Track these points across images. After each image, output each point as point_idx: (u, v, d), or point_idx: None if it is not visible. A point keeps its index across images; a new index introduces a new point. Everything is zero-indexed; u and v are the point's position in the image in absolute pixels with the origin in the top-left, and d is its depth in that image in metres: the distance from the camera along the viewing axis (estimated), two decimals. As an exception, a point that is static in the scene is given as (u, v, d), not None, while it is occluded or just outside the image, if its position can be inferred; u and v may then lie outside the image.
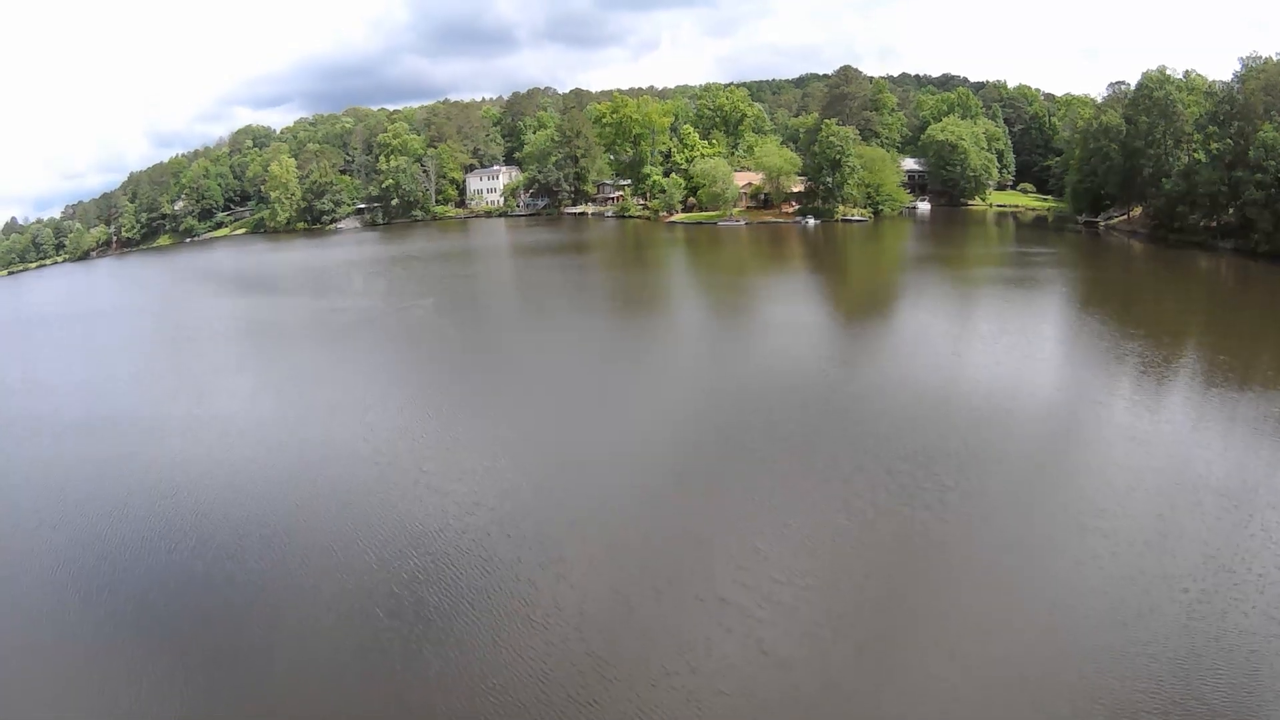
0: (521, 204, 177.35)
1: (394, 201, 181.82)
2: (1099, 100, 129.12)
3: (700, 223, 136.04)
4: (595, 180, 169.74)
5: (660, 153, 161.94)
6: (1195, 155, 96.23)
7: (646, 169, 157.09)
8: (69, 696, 23.79)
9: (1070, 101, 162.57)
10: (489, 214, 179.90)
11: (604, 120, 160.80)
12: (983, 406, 39.04)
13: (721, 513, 30.04)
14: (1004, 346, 49.84)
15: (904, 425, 36.89)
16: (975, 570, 25.89)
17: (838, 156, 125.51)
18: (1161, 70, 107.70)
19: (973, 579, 25.45)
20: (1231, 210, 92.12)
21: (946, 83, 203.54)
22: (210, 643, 25.21)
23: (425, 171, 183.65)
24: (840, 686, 21.21)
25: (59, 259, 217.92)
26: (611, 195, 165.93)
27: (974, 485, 31.00)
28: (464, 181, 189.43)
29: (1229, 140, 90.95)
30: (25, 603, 29.24)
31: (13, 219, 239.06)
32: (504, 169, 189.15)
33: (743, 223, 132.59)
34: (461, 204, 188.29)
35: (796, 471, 33.20)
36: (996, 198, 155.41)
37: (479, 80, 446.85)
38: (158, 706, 22.73)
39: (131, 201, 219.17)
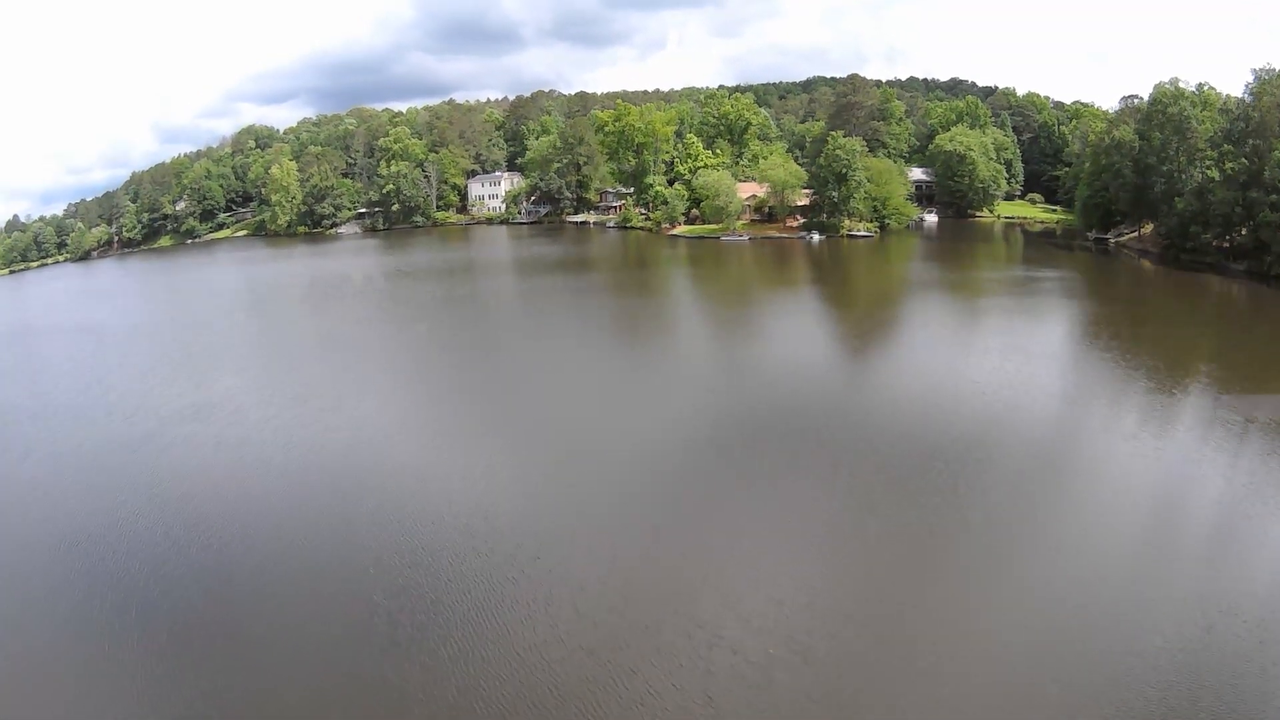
0: (523, 211, 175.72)
1: (394, 207, 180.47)
2: (1110, 113, 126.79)
3: (703, 237, 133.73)
4: (598, 188, 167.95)
5: (664, 162, 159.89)
6: (1209, 173, 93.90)
7: (649, 179, 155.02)
8: (67, 695, 24.65)
9: (1080, 111, 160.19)
10: (490, 221, 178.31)
11: (606, 129, 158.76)
12: (970, 482, 36.66)
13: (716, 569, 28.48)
14: (1003, 402, 47.59)
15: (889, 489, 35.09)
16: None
17: (844, 170, 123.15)
18: (1175, 83, 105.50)
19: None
20: (1245, 231, 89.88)
21: (955, 87, 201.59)
22: (211, 643, 26.37)
23: (426, 177, 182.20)
24: None
25: (60, 258, 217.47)
26: (614, 204, 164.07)
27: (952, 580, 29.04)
28: (465, 187, 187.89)
29: (1243, 160, 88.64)
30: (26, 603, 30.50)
31: (15, 217, 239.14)
32: (506, 175, 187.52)
33: (746, 237, 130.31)
34: (463, 209, 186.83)
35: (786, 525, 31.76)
36: (1004, 208, 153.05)
37: (485, 78, 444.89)
38: (161, 704, 23.54)
39: (133, 201, 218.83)
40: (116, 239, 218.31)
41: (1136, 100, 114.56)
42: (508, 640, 24.92)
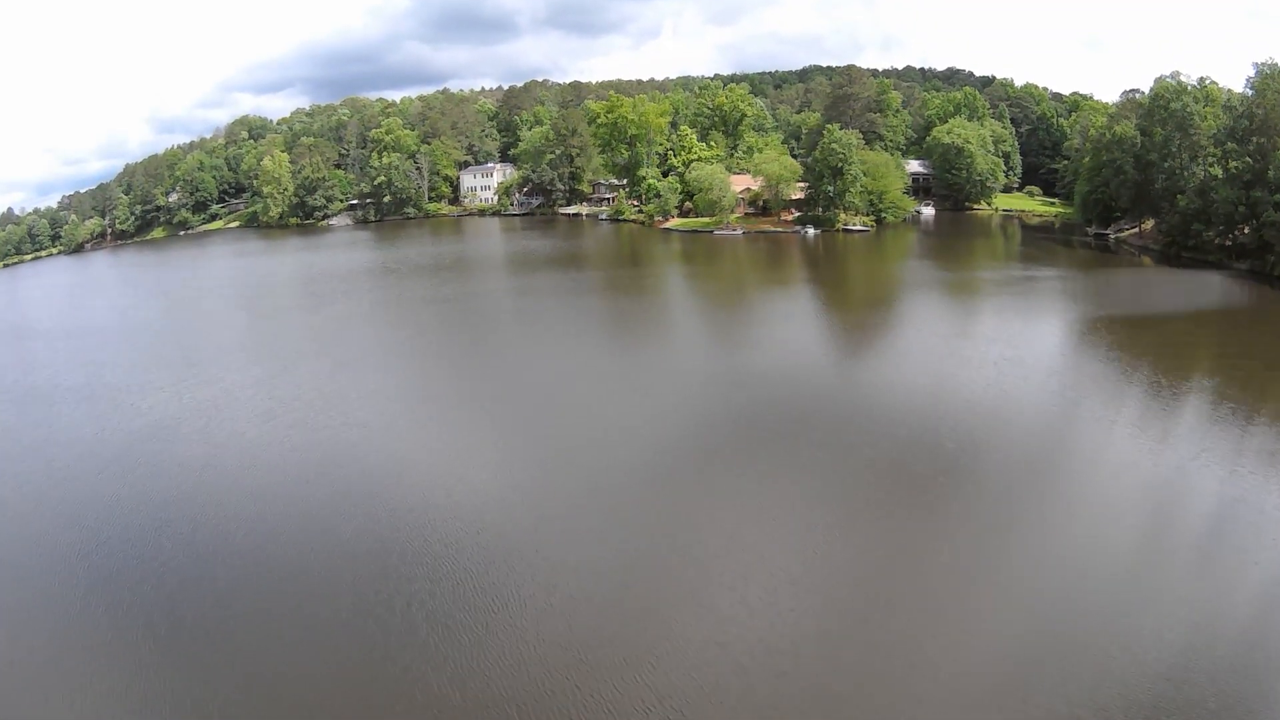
0: (515, 203, 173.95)
1: (386, 199, 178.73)
2: (1111, 106, 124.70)
3: (696, 231, 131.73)
4: (591, 180, 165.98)
5: (657, 154, 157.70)
6: (1211, 170, 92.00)
7: (642, 171, 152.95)
8: (65, 690, 25.32)
9: (1079, 103, 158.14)
10: (482, 212, 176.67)
11: (599, 120, 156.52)
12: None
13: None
14: (1000, 408, 46.07)
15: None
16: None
17: (839, 164, 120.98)
18: (1176, 77, 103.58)
19: None
20: (1248, 230, 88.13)
21: (952, 77, 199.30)
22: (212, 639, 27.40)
23: (418, 168, 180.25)
24: None
25: (54, 250, 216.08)
26: (607, 196, 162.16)
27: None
28: (458, 178, 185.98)
29: (1247, 158, 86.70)
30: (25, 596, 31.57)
31: (9, 210, 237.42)
32: (498, 166, 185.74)
33: (740, 232, 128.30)
34: (455, 201, 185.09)
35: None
36: (1002, 201, 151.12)
37: (480, 66, 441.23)
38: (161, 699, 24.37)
39: (126, 193, 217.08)
40: (110, 231, 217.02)
41: (1137, 94, 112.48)
42: (461, 711, 23.51)
